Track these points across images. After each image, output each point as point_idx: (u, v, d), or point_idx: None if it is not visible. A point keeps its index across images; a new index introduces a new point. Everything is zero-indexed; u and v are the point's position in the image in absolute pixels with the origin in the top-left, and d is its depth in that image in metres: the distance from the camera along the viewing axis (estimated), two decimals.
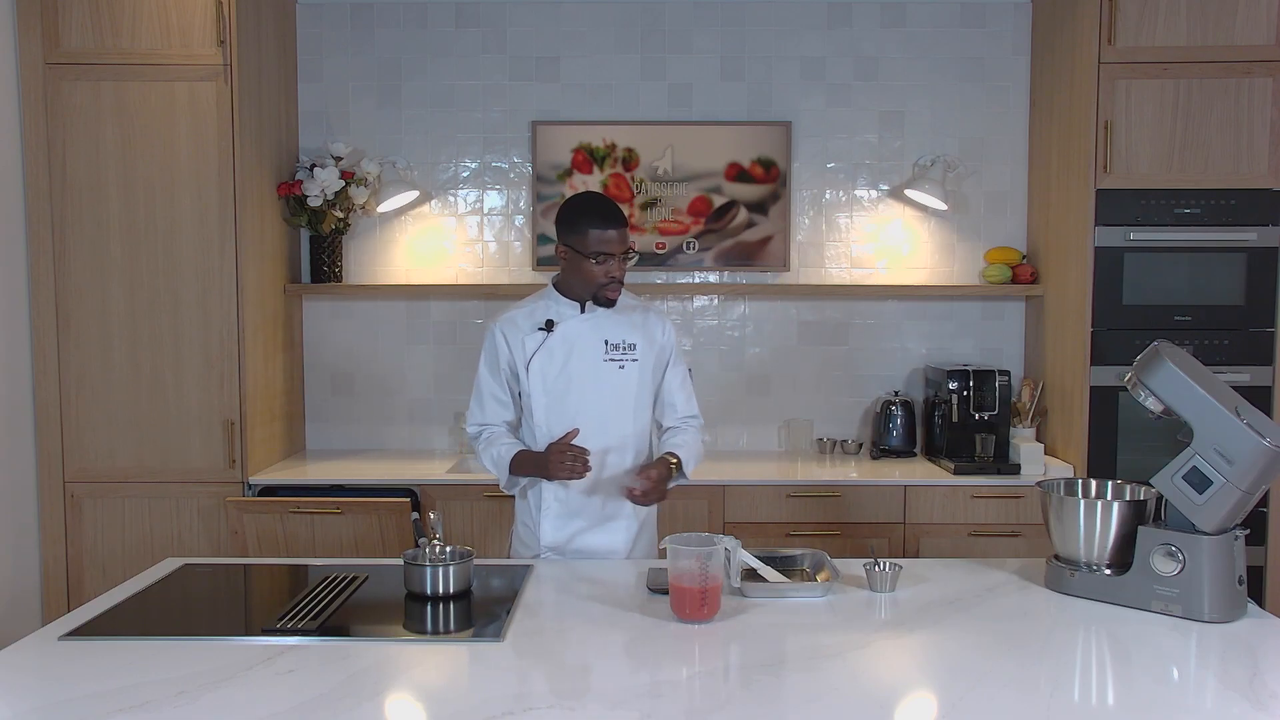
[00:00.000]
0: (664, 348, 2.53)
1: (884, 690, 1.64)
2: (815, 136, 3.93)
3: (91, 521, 3.41)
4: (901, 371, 3.99)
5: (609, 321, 2.47)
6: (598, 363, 2.44)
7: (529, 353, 2.45)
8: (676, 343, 2.56)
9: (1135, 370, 2.06)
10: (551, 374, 2.44)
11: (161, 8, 3.31)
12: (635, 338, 2.47)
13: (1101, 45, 3.37)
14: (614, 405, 2.45)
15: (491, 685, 1.65)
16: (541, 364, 2.44)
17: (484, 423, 2.53)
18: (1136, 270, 3.45)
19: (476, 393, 2.53)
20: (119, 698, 1.58)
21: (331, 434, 3.99)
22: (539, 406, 2.45)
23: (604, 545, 2.48)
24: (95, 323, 3.38)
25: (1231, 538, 1.95)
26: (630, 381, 2.46)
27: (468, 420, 2.57)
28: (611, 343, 2.45)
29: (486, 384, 2.51)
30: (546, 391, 2.45)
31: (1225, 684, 1.65)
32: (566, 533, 2.47)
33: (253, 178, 3.47)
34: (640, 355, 2.47)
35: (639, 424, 2.49)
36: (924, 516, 3.42)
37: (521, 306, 2.52)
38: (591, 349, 2.45)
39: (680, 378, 2.56)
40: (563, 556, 2.47)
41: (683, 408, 2.56)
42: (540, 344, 2.45)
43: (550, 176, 3.90)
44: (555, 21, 3.91)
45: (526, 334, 2.46)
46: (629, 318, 2.49)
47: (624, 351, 2.46)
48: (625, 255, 2.39)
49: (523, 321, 2.48)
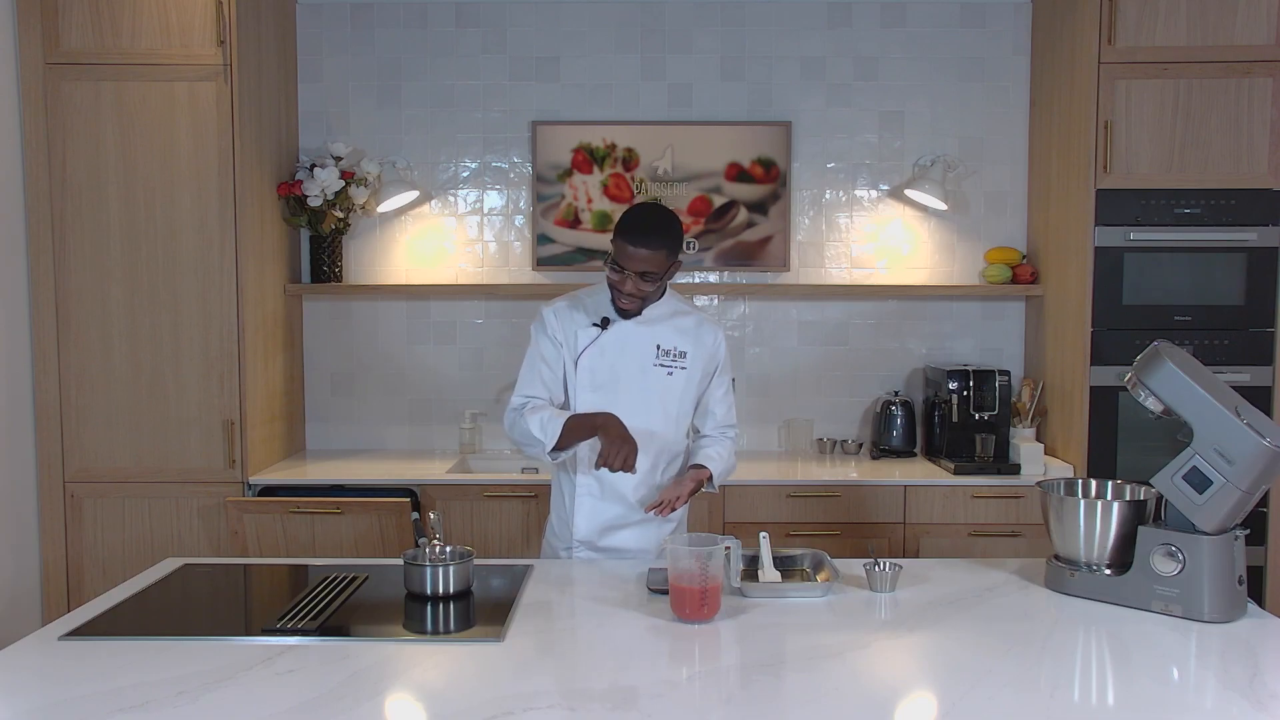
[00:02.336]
0: (713, 358, 2.50)
1: (884, 690, 1.64)
2: (815, 136, 3.93)
3: (91, 521, 3.41)
4: (901, 371, 3.99)
5: (663, 327, 2.44)
6: (647, 367, 2.42)
7: (579, 347, 2.42)
8: (727, 353, 2.54)
9: (1135, 370, 2.06)
10: (601, 372, 2.42)
11: (161, 8, 3.31)
12: (687, 345, 2.45)
13: (1101, 45, 3.37)
14: (658, 410, 2.43)
15: (491, 685, 1.65)
16: (592, 360, 2.42)
17: (531, 395, 2.42)
18: (1136, 270, 3.45)
19: (529, 363, 2.45)
20: (119, 698, 1.58)
21: (331, 434, 3.99)
22: (585, 402, 2.42)
23: (637, 544, 2.46)
24: (95, 323, 3.38)
25: (1231, 538, 1.95)
26: (676, 388, 2.44)
27: (516, 390, 2.45)
28: (663, 348, 2.43)
29: (540, 361, 2.42)
30: (594, 388, 2.42)
31: (1225, 684, 1.65)
32: (599, 523, 2.45)
33: (253, 178, 3.47)
34: (690, 364, 2.45)
35: (678, 431, 2.48)
36: (924, 516, 3.42)
37: (577, 299, 2.47)
38: (643, 352, 2.43)
39: (725, 388, 2.54)
40: (595, 553, 2.46)
41: (722, 417, 2.54)
42: (593, 340, 2.42)
43: (550, 176, 3.90)
44: (555, 21, 3.91)
45: (581, 327, 2.43)
46: (682, 324, 2.47)
47: (674, 358, 2.44)
48: (644, 277, 2.31)
49: (578, 315, 2.43)
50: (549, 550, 2.57)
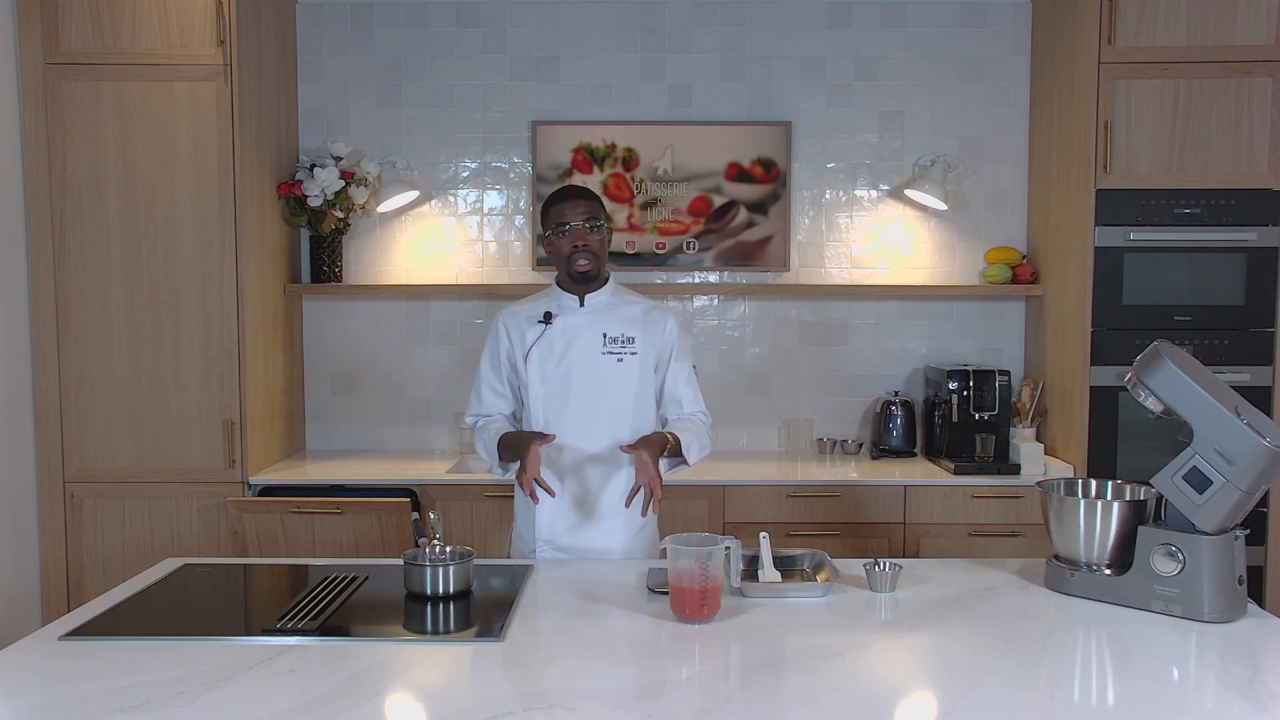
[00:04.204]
0: (665, 343, 2.52)
1: (884, 690, 1.64)
2: (815, 136, 3.93)
3: (91, 521, 3.41)
4: (901, 371, 3.99)
5: (608, 316, 2.49)
6: (595, 355, 2.45)
7: (528, 344, 2.48)
8: (680, 340, 2.55)
9: (1135, 370, 2.06)
10: (550, 366, 2.46)
11: (161, 8, 3.31)
12: (634, 332, 2.48)
13: (1101, 45, 3.37)
14: (613, 399, 2.46)
15: (491, 685, 1.65)
16: (540, 355, 2.47)
17: (481, 413, 2.58)
18: (1136, 270, 3.45)
19: (476, 384, 2.59)
20: (119, 698, 1.58)
21: (331, 434, 3.99)
22: (536, 397, 2.47)
23: (599, 545, 2.47)
24: (95, 323, 3.38)
25: (1231, 538, 1.95)
26: (630, 376, 2.46)
27: (468, 411, 2.62)
28: (610, 336, 2.47)
29: (485, 375, 2.57)
30: (544, 382, 2.46)
31: (1225, 684, 1.65)
32: (563, 525, 2.47)
33: (253, 178, 3.47)
34: (639, 349, 2.47)
35: (640, 422, 2.49)
36: (924, 516, 3.42)
37: (525, 301, 2.57)
38: (590, 342, 2.46)
39: (685, 374, 2.55)
40: (560, 552, 2.47)
41: (689, 404, 2.55)
42: (539, 335, 2.48)
43: (550, 177, 3.90)
44: (555, 21, 3.91)
45: (527, 326, 2.50)
46: (629, 312, 2.50)
47: (622, 345, 2.47)
48: (591, 223, 2.42)
49: (524, 314, 2.52)
50: (516, 552, 2.58)
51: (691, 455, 2.47)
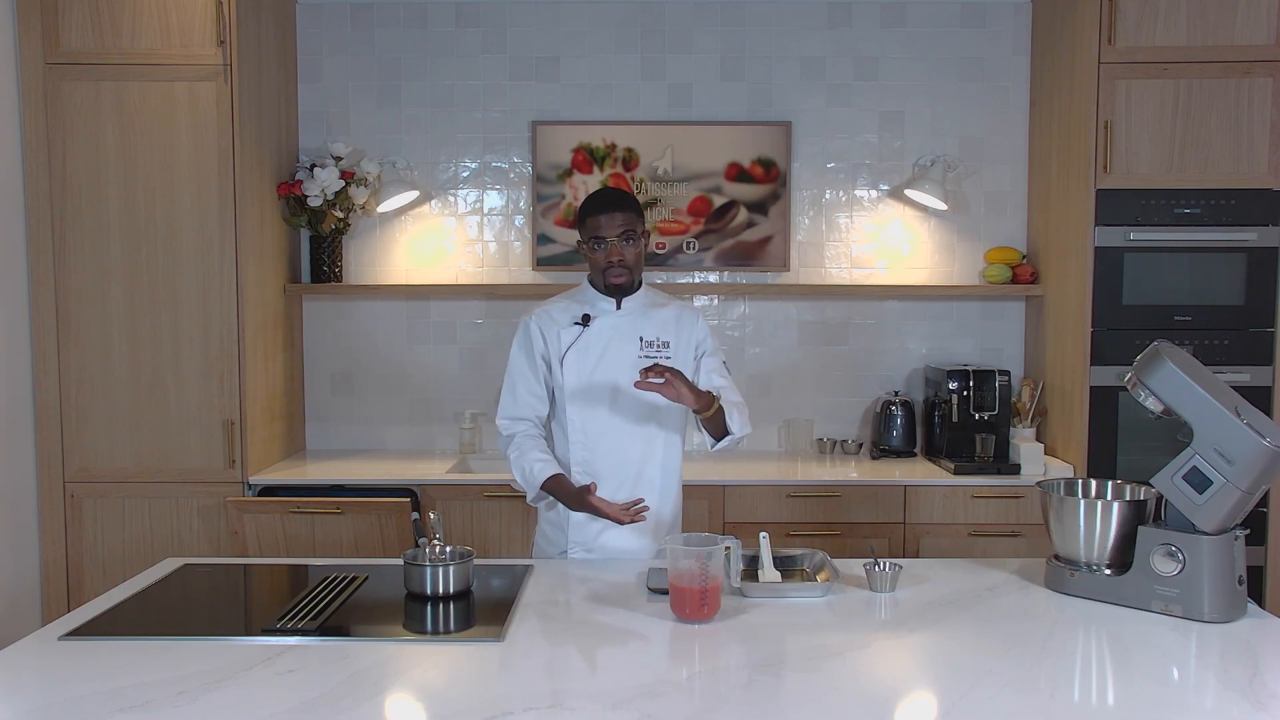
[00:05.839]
0: (697, 342, 2.51)
1: (884, 690, 1.64)
2: (815, 136, 3.93)
3: (91, 521, 3.41)
4: (901, 371, 3.99)
5: (644, 319, 2.47)
6: (632, 359, 2.42)
7: (564, 346, 2.44)
8: (710, 334, 2.54)
9: (1135, 370, 2.06)
10: (587, 369, 2.43)
11: (161, 8, 3.31)
12: (669, 335, 2.47)
13: (1101, 45, 3.37)
14: (648, 403, 2.42)
15: (491, 685, 1.65)
16: (577, 358, 2.44)
17: (517, 416, 2.47)
18: (1136, 270, 3.45)
19: (509, 383, 2.49)
20: (119, 698, 1.58)
21: (331, 434, 3.99)
22: (573, 402, 2.43)
23: (632, 546, 2.45)
24: (95, 323, 3.38)
25: (1231, 538, 1.95)
26: None
27: (499, 413, 2.50)
28: (646, 339, 2.45)
29: (521, 374, 2.47)
30: (581, 385, 2.43)
31: (1225, 684, 1.65)
32: (596, 526, 2.43)
33: (253, 178, 3.47)
34: (674, 353, 2.46)
35: (672, 424, 2.48)
36: (924, 516, 3.42)
37: (555, 301, 2.52)
38: (627, 345, 2.44)
39: (718, 366, 2.52)
40: (591, 553, 2.45)
41: (727, 394, 2.47)
42: (576, 338, 2.44)
43: (550, 176, 3.90)
44: (555, 21, 3.91)
45: (563, 327, 2.45)
46: (662, 316, 2.49)
47: (658, 350, 2.45)
48: (626, 237, 2.37)
49: (558, 315, 2.47)
50: (540, 554, 2.56)
51: (734, 424, 2.37)
